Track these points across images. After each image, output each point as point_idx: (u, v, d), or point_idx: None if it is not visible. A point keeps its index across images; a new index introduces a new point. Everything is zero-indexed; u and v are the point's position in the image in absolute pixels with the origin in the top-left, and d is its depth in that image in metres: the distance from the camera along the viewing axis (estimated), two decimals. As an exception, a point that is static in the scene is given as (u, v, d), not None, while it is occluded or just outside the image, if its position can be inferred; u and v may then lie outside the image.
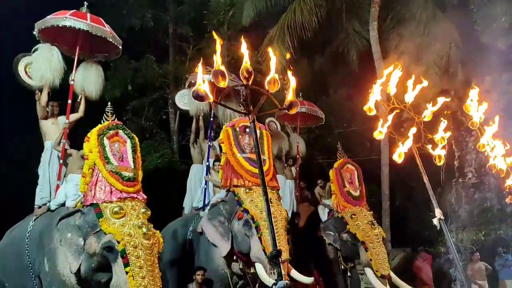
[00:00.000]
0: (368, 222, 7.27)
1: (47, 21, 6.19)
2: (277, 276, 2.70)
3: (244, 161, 6.42)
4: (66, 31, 6.32)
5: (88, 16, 6.24)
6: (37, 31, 6.31)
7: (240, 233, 6.13)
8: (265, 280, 5.74)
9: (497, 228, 11.30)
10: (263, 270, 5.76)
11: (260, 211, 5.95)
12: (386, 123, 3.70)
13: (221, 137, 6.66)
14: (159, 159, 12.50)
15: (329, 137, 13.33)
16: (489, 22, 10.81)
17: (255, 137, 3.02)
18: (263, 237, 5.79)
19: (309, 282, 5.75)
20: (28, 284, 5.54)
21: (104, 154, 5.01)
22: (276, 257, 2.74)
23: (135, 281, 4.40)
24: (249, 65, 2.78)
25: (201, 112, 8.10)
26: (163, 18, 14.45)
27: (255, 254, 5.90)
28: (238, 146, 6.51)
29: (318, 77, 14.02)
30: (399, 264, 12.41)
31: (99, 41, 6.44)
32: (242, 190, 6.28)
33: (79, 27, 6.09)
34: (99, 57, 6.99)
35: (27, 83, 6.48)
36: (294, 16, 11.56)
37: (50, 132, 6.31)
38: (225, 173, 6.45)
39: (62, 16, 6.15)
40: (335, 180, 7.70)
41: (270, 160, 6.65)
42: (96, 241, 4.69)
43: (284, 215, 6.18)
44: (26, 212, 6.29)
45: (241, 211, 6.15)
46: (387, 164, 11.03)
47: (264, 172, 3.30)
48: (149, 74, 13.58)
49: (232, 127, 6.68)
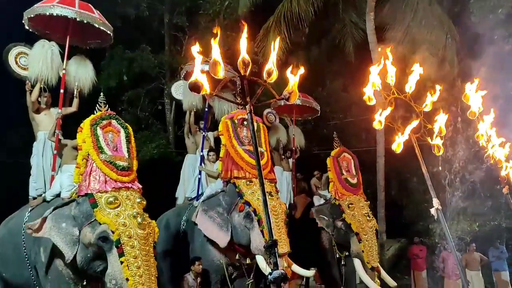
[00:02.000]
0: (364, 214, 7.30)
1: (35, 9, 6.04)
2: (273, 265, 2.68)
3: (244, 153, 6.41)
4: (55, 18, 6.16)
5: (76, 3, 6.09)
6: (26, 20, 6.17)
7: (240, 225, 6.13)
8: (266, 272, 5.73)
9: (491, 219, 11.39)
10: (264, 262, 5.78)
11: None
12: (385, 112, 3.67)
13: (220, 129, 6.64)
14: (155, 150, 12.49)
15: (325, 128, 13.34)
16: (486, 13, 10.79)
17: (252, 128, 2.98)
18: (265, 230, 5.78)
19: (311, 275, 5.76)
20: (25, 274, 5.52)
21: (98, 144, 4.96)
22: (272, 247, 2.72)
23: (130, 271, 4.39)
24: (247, 56, 2.73)
25: (194, 107, 8.01)
26: (158, 7, 14.32)
27: (257, 246, 5.92)
28: (237, 138, 6.50)
29: (314, 68, 13.96)
30: (393, 254, 12.53)
31: (90, 28, 6.30)
32: (242, 182, 6.27)
33: (67, 14, 5.95)
34: (91, 44, 6.87)
35: (17, 73, 6.38)
36: (290, 7, 11.52)
37: (43, 123, 6.23)
38: (225, 164, 6.42)
39: (49, 3, 6.00)
40: (332, 168, 7.71)
41: (268, 153, 6.65)
42: (91, 231, 4.66)
43: (283, 209, 6.19)
44: (20, 202, 6.24)
45: (242, 203, 6.15)
46: (383, 155, 11.07)
47: (261, 164, 3.27)
48: (144, 64, 13.49)
49: (231, 119, 6.65)
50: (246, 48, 2.70)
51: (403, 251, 12.27)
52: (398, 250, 12.73)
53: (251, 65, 2.79)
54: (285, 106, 9.58)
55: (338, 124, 13.44)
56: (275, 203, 5.99)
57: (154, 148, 12.54)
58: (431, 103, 3.90)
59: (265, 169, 6.32)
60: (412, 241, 11.39)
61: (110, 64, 13.20)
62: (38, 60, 6.16)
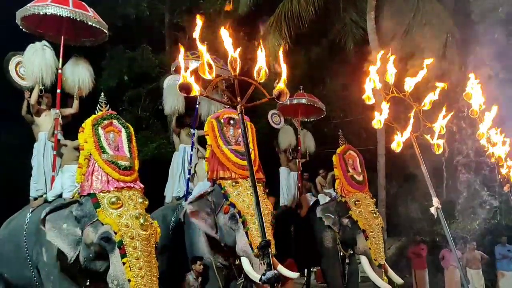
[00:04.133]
0: (371, 211, 7.33)
1: (29, 9, 5.99)
2: (266, 266, 2.68)
3: (230, 153, 6.32)
4: (49, 17, 6.09)
5: (70, 2, 6.04)
6: (19, 20, 6.13)
7: (225, 227, 6.08)
8: (250, 274, 5.75)
9: (491, 217, 11.39)
10: (248, 264, 5.77)
11: (247, 206, 5.90)
12: (384, 111, 3.68)
13: (205, 129, 6.52)
14: (156, 150, 12.47)
15: (326, 128, 13.34)
16: (486, 12, 10.81)
17: (243, 129, 2.96)
18: (249, 231, 5.76)
19: (294, 277, 5.75)
20: (26, 275, 5.53)
21: (100, 143, 4.96)
22: (265, 247, 2.71)
23: (132, 272, 4.40)
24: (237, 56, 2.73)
25: (176, 112, 7.78)
26: (158, 7, 14.33)
27: (241, 248, 5.87)
28: (224, 138, 6.40)
29: (315, 67, 13.99)
30: (394, 253, 12.54)
31: (84, 26, 6.25)
32: (228, 183, 6.19)
33: (61, 13, 5.90)
34: (86, 42, 6.83)
35: (17, 83, 6.35)
36: (291, 6, 11.52)
37: (44, 123, 6.21)
38: (211, 165, 6.34)
39: (43, 3, 5.94)
40: (338, 165, 7.71)
41: (255, 151, 6.54)
42: (93, 232, 4.67)
43: (270, 209, 6.14)
44: (20, 203, 6.25)
45: (227, 204, 6.07)
46: (383, 154, 11.08)
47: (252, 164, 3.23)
48: (145, 64, 13.50)
49: (217, 118, 6.55)
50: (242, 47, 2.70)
51: (404, 250, 12.28)
52: (399, 249, 12.75)
53: (249, 64, 2.78)
54: (290, 107, 9.54)
55: (339, 123, 13.42)
56: (261, 204, 5.93)
57: (155, 148, 12.53)
58: (431, 102, 3.91)
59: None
60: (413, 240, 11.41)
61: (110, 64, 13.19)
62: (32, 63, 6.08)
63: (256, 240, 5.56)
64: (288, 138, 9.21)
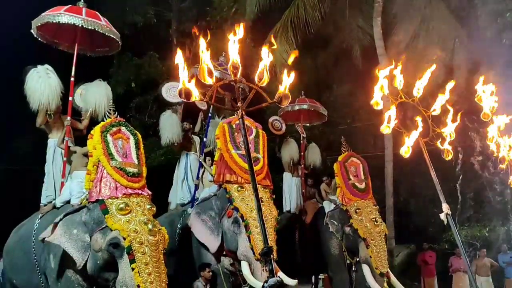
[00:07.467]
0: (372, 219, 7.22)
1: (43, 18, 6.08)
2: (269, 273, 2.66)
3: (238, 157, 6.36)
4: (64, 27, 6.21)
5: (83, 11, 6.12)
6: (35, 29, 6.21)
7: (229, 231, 6.09)
8: (248, 279, 5.73)
9: (501, 224, 11.26)
10: (248, 269, 5.76)
11: (250, 210, 5.91)
12: (393, 117, 3.66)
13: (217, 133, 6.60)
14: (163, 156, 12.49)
15: (332, 134, 13.30)
16: (494, 17, 10.76)
17: (244, 133, 2.97)
18: (251, 236, 5.76)
19: (293, 284, 5.73)
20: (34, 281, 5.55)
21: (108, 150, 4.99)
22: (267, 254, 2.69)
23: (141, 278, 4.40)
24: (237, 61, 2.73)
25: (174, 142, 7.72)
26: (166, 14, 14.43)
27: (242, 252, 5.88)
28: (233, 143, 6.46)
29: (322, 73, 13.98)
30: (403, 260, 12.41)
31: (98, 35, 6.33)
32: (234, 188, 6.22)
33: (74, 22, 5.98)
34: (100, 52, 6.90)
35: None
36: (297, 12, 11.55)
37: (54, 130, 6.26)
38: (218, 168, 6.39)
39: (57, 12, 6.02)
40: (339, 173, 7.67)
41: (265, 159, 6.58)
42: (102, 238, 4.68)
43: (274, 215, 6.14)
44: (31, 209, 6.29)
45: (231, 208, 6.10)
46: (391, 160, 11.00)
47: (254, 168, 3.19)
48: (152, 71, 13.57)
49: (229, 123, 6.63)
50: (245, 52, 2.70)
51: (412, 257, 12.16)
52: (408, 257, 12.61)
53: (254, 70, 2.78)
54: (292, 112, 9.55)
55: (346, 129, 13.37)
56: (265, 209, 5.90)
57: (162, 154, 12.56)
58: (440, 107, 3.88)
59: (259, 175, 6.26)
60: (421, 247, 11.30)
61: (118, 71, 13.29)
62: (37, 90, 5.93)
63: (258, 244, 5.58)
64: (290, 152, 9.15)
